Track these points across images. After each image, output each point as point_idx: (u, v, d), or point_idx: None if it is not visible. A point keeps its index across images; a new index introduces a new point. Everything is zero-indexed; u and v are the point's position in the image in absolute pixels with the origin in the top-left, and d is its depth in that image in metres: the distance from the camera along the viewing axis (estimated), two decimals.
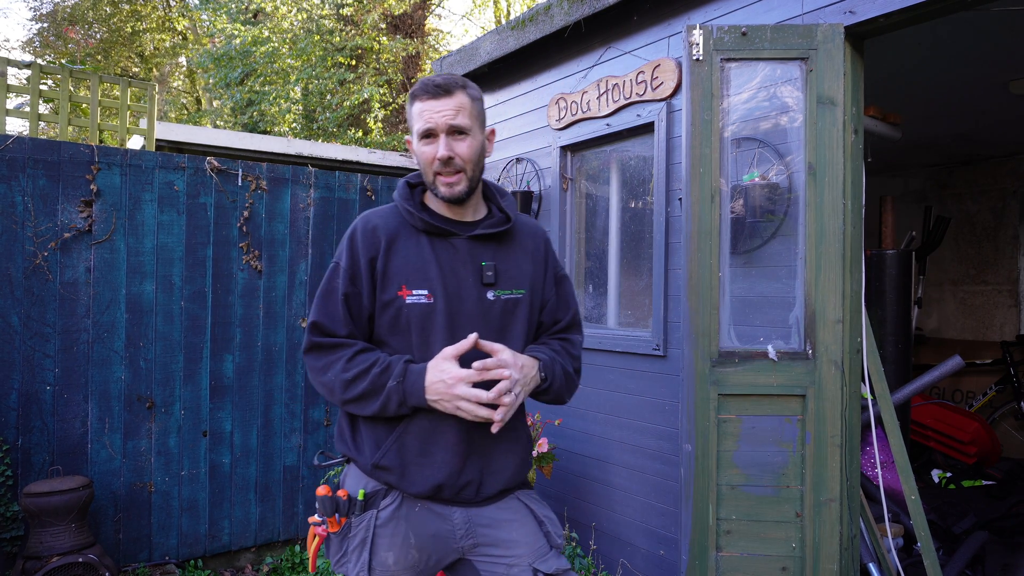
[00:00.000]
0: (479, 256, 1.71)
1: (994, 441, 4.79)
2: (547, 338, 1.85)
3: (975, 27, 3.24)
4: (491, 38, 4.30)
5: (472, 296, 1.68)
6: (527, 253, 1.80)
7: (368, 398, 1.61)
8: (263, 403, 4.07)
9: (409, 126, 1.73)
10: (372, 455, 1.67)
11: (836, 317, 2.56)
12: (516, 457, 1.77)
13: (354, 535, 1.68)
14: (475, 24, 18.81)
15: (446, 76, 1.69)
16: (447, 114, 1.64)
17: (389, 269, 1.66)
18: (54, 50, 14.95)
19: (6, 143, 3.37)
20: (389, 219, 1.72)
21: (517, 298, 1.74)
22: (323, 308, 1.67)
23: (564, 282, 1.91)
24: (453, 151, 1.64)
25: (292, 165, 4.40)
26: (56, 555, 3.09)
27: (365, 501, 1.68)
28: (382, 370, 1.61)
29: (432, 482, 1.65)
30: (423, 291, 1.65)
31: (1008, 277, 6.04)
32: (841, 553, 2.55)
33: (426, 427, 1.66)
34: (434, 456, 1.66)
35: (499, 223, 1.76)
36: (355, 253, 1.67)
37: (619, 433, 3.57)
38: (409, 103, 1.71)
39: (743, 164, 2.75)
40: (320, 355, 1.66)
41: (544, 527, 1.76)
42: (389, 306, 1.66)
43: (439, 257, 1.68)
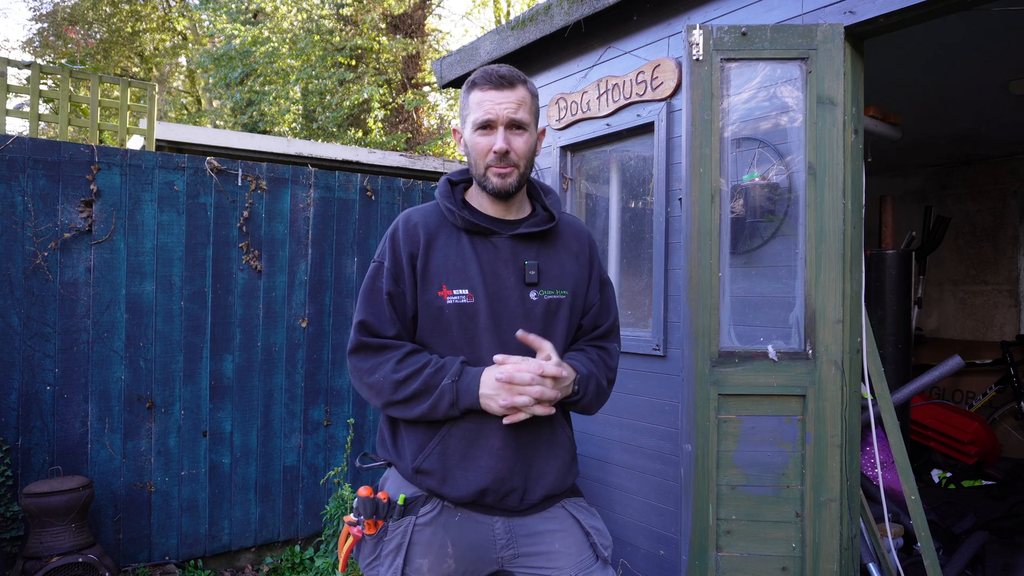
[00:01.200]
0: (521, 255, 1.67)
1: (994, 441, 4.79)
2: (585, 344, 1.80)
3: (975, 27, 3.24)
4: (491, 38, 4.30)
5: (514, 296, 1.65)
6: (571, 253, 1.76)
7: (418, 398, 1.57)
8: (263, 403, 4.07)
9: (462, 114, 1.69)
10: (414, 459, 1.64)
11: (836, 317, 2.56)
12: (559, 462, 1.71)
13: (390, 539, 1.64)
14: (475, 24, 18.82)
15: (509, 68, 1.66)
16: (509, 107, 1.61)
17: (429, 268, 1.63)
18: (54, 50, 14.95)
19: (6, 143, 3.37)
20: (430, 216, 1.69)
21: (560, 299, 1.70)
22: (369, 307, 1.64)
23: (607, 287, 1.87)
24: (510, 145, 1.61)
25: (292, 165, 4.40)
26: (56, 555, 3.09)
27: (405, 506, 1.64)
28: (436, 370, 1.57)
29: (476, 487, 1.61)
30: (463, 291, 1.62)
31: (1008, 277, 6.04)
32: (841, 553, 2.55)
33: (470, 431, 1.62)
34: (478, 461, 1.61)
35: (542, 222, 1.72)
36: (397, 252, 1.64)
37: (619, 433, 3.57)
38: (466, 91, 1.66)
39: (743, 164, 2.75)
40: (368, 356, 1.62)
41: (591, 538, 1.71)
42: (430, 306, 1.63)
43: (480, 256, 1.64)
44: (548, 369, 1.53)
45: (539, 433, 1.67)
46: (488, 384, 1.55)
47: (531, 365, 1.53)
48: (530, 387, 1.52)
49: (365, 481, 4.45)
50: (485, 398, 1.55)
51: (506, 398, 1.51)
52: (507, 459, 1.62)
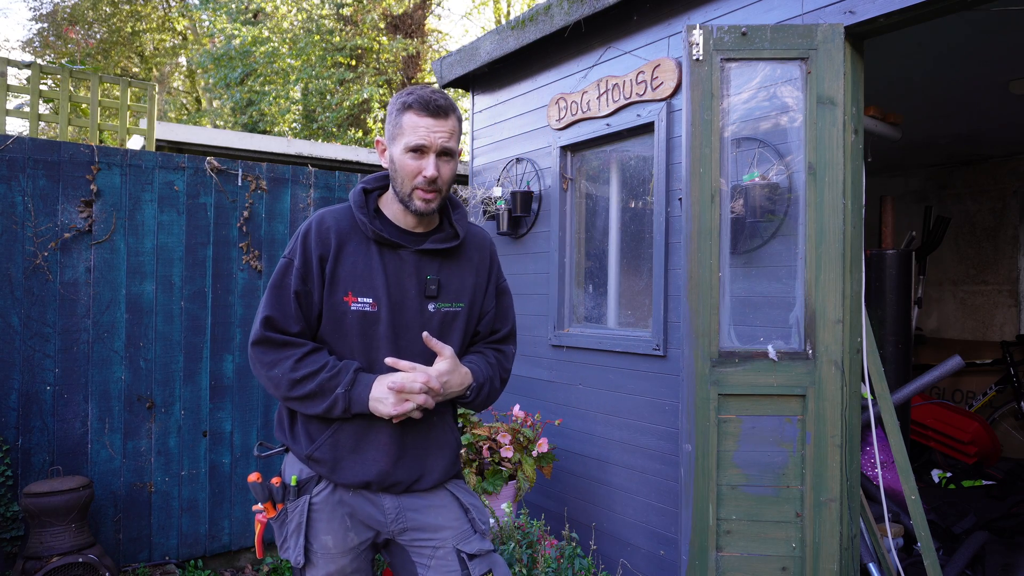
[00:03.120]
0: (424, 269, 1.78)
1: (994, 441, 4.79)
2: (484, 346, 1.94)
3: (975, 27, 3.24)
4: (491, 38, 4.30)
5: (414, 307, 1.77)
6: (472, 265, 1.88)
7: (313, 399, 1.68)
8: (263, 403, 4.07)
9: (391, 132, 1.75)
10: (307, 447, 1.76)
11: (836, 317, 2.56)
12: (445, 460, 1.85)
13: (290, 520, 1.77)
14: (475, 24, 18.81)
15: (444, 96, 1.74)
16: (442, 135, 1.70)
17: (338, 273, 1.72)
18: (54, 50, 14.95)
19: (6, 143, 3.37)
20: (343, 221, 1.77)
21: (456, 311, 1.83)
22: (276, 303, 1.72)
23: (505, 295, 2.00)
24: (439, 172, 1.70)
25: (292, 165, 4.40)
26: (56, 555, 3.09)
27: (299, 487, 1.77)
28: (332, 375, 1.67)
29: (362, 478, 1.74)
30: (368, 299, 1.72)
31: (1008, 277, 6.04)
32: (841, 553, 2.55)
33: (361, 427, 1.74)
34: (366, 454, 1.75)
35: (448, 238, 1.82)
36: (308, 252, 1.72)
37: (619, 433, 3.57)
38: (399, 111, 1.72)
39: (743, 164, 2.75)
40: (269, 350, 1.70)
41: (469, 514, 1.85)
42: (334, 309, 1.73)
43: (386, 267, 1.75)
44: (433, 384, 1.66)
45: (427, 433, 1.81)
46: (380, 391, 1.66)
47: (420, 376, 1.66)
48: (417, 396, 1.65)
49: None
50: (376, 401, 1.66)
51: (396, 406, 1.64)
52: (393, 455, 1.75)
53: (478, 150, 4.75)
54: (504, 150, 4.47)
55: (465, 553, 1.79)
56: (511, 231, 4.27)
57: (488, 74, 4.57)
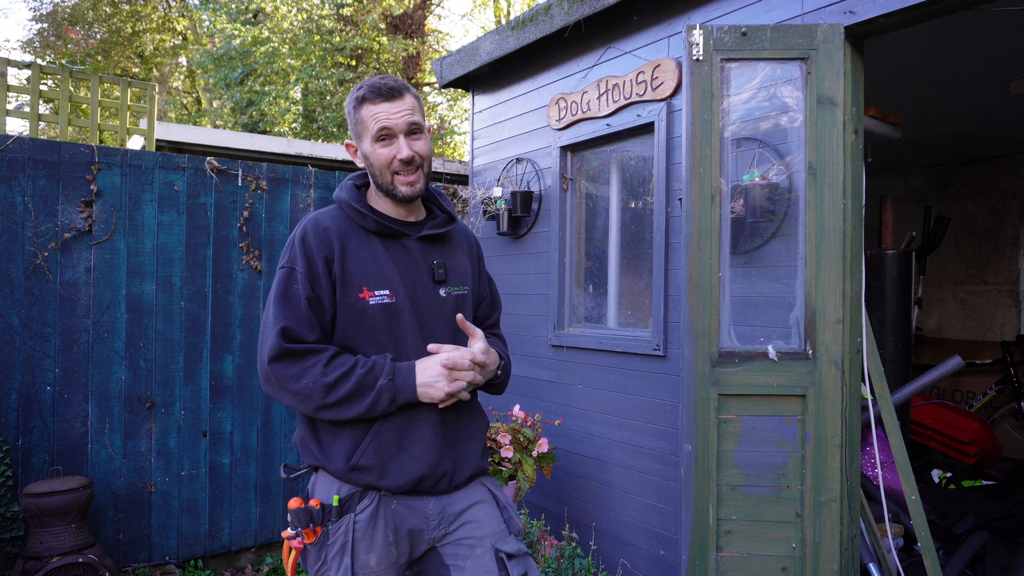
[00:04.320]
0: (429, 255, 1.78)
1: (994, 441, 4.79)
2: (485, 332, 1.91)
3: (975, 27, 3.24)
4: (491, 38, 4.30)
5: (429, 293, 1.75)
6: (464, 252, 1.90)
7: (352, 400, 1.61)
8: (263, 403, 4.07)
9: (356, 130, 1.73)
10: (348, 458, 1.67)
11: (836, 317, 2.56)
12: (479, 443, 1.85)
13: (333, 542, 1.68)
14: (475, 24, 18.82)
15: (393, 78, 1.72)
16: (404, 113, 1.68)
17: (347, 272, 1.68)
18: (54, 50, 14.95)
19: (6, 143, 3.37)
20: (337, 220, 1.73)
21: (464, 294, 1.83)
22: (288, 313, 1.63)
23: (491, 282, 2.03)
24: (413, 149, 1.68)
25: (292, 165, 4.40)
26: (56, 555, 3.09)
27: (341, 506, 1.68)
28: (367, 370, 1.62)
29: (414, 475, 1.69)
30: (385, 291, 1.69)
31: (1008, 277, 6.04)
32: (841, 553, 2.55)
33: (402, 424, 1.69)
34: (412, 451, 1.70)
35: (444, 223, 1.82)
36: (310, 256, 1.66)
37: (619, 433, 3.57)
38: (355, 107, 1.71)
39: (743, 164, 2.75)
40: (291, 362, 1.61)
41: (506, 513, 1.83)
42: (351, 308, 1.67)
43: (394, 257, 1.73)
44: (478, 356, 1.68)
45: (461, 419, 1.79)
46: (428, 373, 1.64)
47: (465, 352, 1.67)
48: (467, 372, 1.66)
49: None
50: (425, 387, 1.64)
51: (449, 385, 1.63)
52: (438, 445, 1.72)
53: (478, 150, 4.75)
54: (504, 150, 4.47)
55: (504, 552, 1.74)
56: (511, 231, 4.27)
57: (488, 74, 4.57)
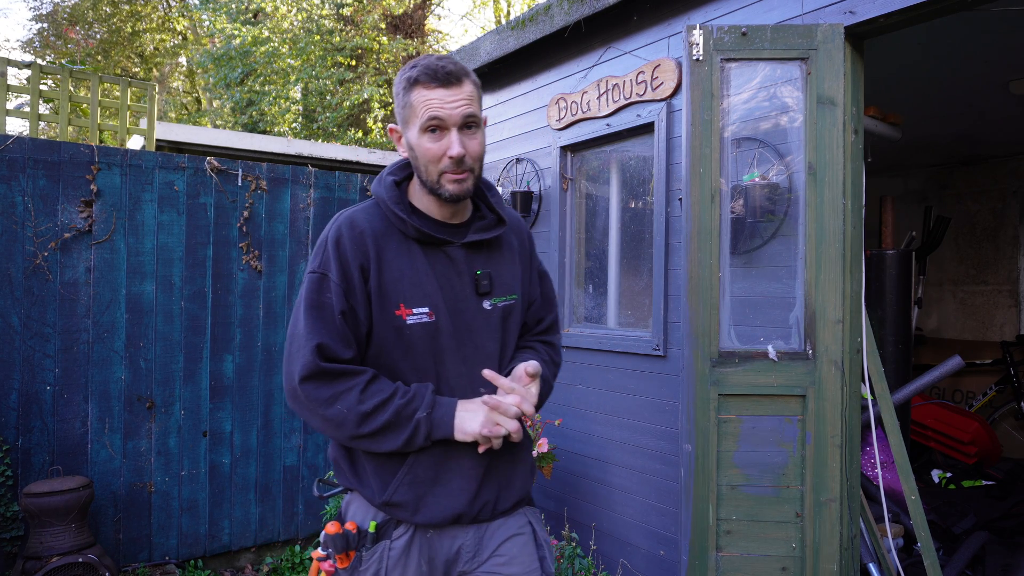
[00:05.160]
0: (473, 264, 1.59)
1: (994, 441, 4.79)
2: (533, 340, 1.76)
3: (975, 27, 3.24)
4: (491, 38, 4.30)
5: (471, 308, 1.57)
6: (514, 253, 1.70)
7: (388, 432, 1.45)
8: (263, 403, 4.07)
9: (402, 114, 1.52)
10: (381, 492, 1.53)
11: (836, 317, 2.56)
12: (525, 465, 1.69)
13: (365, 568, 1.56)
14: (475, 24, 18.82)
15: (453, 61, 1.50)
16: (461, 104, 1.46)
17: (384, 284, 1.50)
18: (54, 50, 14.95)
19: (6, 143, 3.37)
20: (374, 221, 1.54)
21: (511, 304, 1.64)
22: (323, 327, 1.46)
23: (546, 279, 1.82)
24: (466, 148, 1.48)
25: (292, 165, 4.40)
26: (56, 555, 3.09)
27: (377, 532, 1.55)
28: (407, 400, 1.46)
29: (451, 511, 1.54)
30: (424, 308, 1.51)
31: (1008, 277, 6.04)
32: (841, 553, 2.55)
33: (439, 454, 1.52)
34: (449, 484, 1.54)
35: (491, 225, 1.63)
36: (345, 263, 1.48)
37: (619, 433, 3.57)
38: (406, 89, 1.49)
39: (743, 164, 2.75)
40: (326, 383, 1.43)
41: (541, 551, 1.69)
42: (387, 326, 1.50)
43: (435, 269, 1.54)
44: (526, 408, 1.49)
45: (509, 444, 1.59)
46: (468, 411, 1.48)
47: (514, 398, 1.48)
48: (510, 421, 1.47)
49: None
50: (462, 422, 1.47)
51: (487, 427, 1.46)
52: (478, 477, 1.55)
53: None
54: (504, 150, 4.47)
55: None
56: None
57: (488, 74, 4.57)
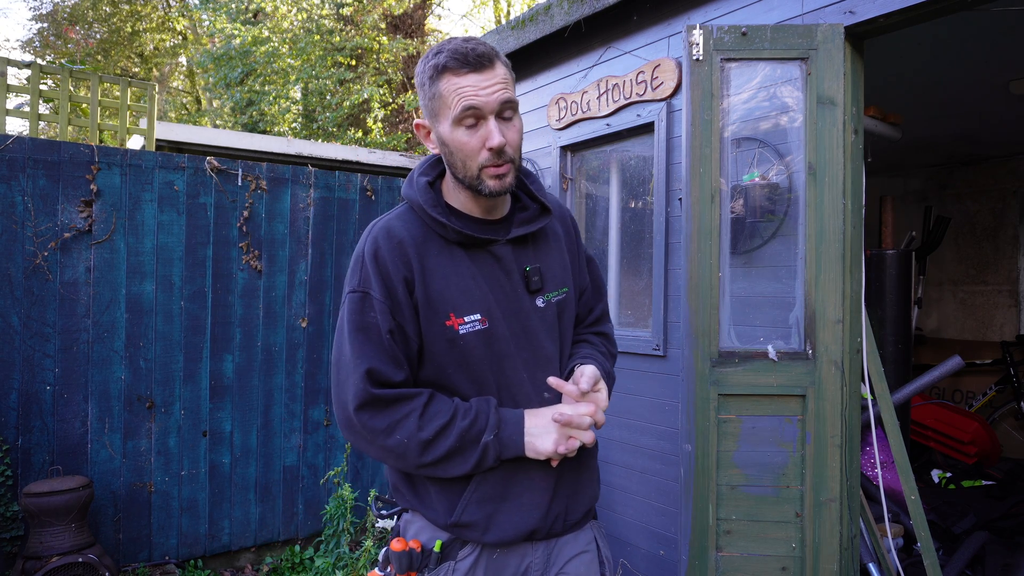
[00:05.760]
0: (522, 261, 1.48)
1: (994, 441, 4.79)
2: (586, 332, 1.65)
3: (975, 27, 3.24)
4: (491, 38, 4.30)
5: (525, 308, 1.46)
6: (560, 242, 1.58)
7: (454, 458, 1.36)
8: (263, 403, 4.07)
9: (431, 105, 1.41)
10: (448, 514, 1.44)
11: (836, 317, 2.56)
12: (592, 471, 1.60)
13: None
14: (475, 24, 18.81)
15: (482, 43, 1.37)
16: (497, 88, 1.34)
17: (430, 295, 1.39)
18: (54, 50, 14.95)
19: (6, 143, 3.37)
20: (412, 228, 1.43)
21: (564, 297, 1.54)
22: (371, 350, 1.35)
23: (593, 264, 1.71)
24: (506, 137, 1.36)
25: (292, 165, 4.40)
26: (56, 555, 3.09)
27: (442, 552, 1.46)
28: (470, 422, 1.36)
29: (524, 528, 1.44)
30: (476, 315, 1.40)
31: (1008, 277, 6.04)
32: (841, 553, 2.55)
33: (507, 469, 1.43)
34: (520, 498, 1.44)
35: (535, 216, 1.51)
36: (387, 277, 1.37)
37: (619, 433, 3.57)
38: (432, 77, 1.38)
39: (743, 164, 2.75)
40: (380, 411, 1.34)
41: (603, 568, 1.60)
42: (439, 339, 1.40)
43: (483, 271, 1.43)
44: (599, 417, 1.41)
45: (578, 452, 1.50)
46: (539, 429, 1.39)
47: (587, 407, 1.39)
48: (584, 433, 1.39)
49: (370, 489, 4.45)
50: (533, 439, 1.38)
51: (560, 443, 1.38)
52: (550, 489, 1.46)
53: None
54: None
55: None
56: None
57: None
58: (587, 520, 1.59)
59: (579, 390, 1.39)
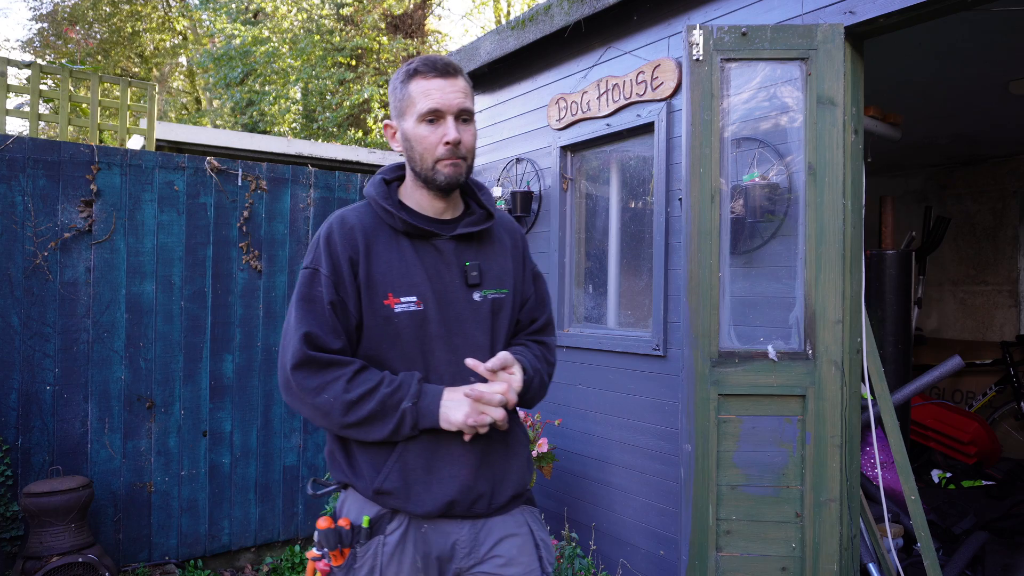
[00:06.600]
0: (463, 256, 1.63)
1: (994, 441, 4.79)
2: (526, 339, 1.78)
3: (975, 27, 3.24)
4: (491, 38, 4.30)
5: (460, 299, 1.61)
6: (506, 249, 1.73)
7: (374, 421, 1.49)
8: (263, 403, 4.07)
9: (399, 106, 1.59)
10: (372, 480, 1.55)
11: (836, 317, 2.56)
12: (520, 458, 1.71)
13: (360, 566, 1.57)
14: (475, 24, 18.81)
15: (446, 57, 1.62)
16: (457, 95, 1.55)
17: (373, 275, 1.56)
18: (54, 50, 14.95)
19: (6, 143, 3.37)
20: (365, 218, 1.60)
21: (502, 297, 1.67)
22: (312, 317, 1.52)
23: (540, 280, 1.85)
24: (461, 136, 1.55)
25: (292, 165, 4.40)
26: (56, 555, 3.09)
27: (371, 528, 1.56)
28: (393, 389, 1.50)
29: (442, 500, 1.55)
30: (412, 298, 1.55)
31: (1008, 277, 6.04)
32: (841, 553, 2.55)
33: (430, 441, 1.55)
34: (441, 472, 1.56)
35: (480, 220, 1.67)
36: (335, 257, 1.55)
37: (619, 433, 3.57)
38: (404, 81, 1.57)
39: (743, 164, 2.75)
40: (313, 372, 1.49)
41: (539, 551, 1.70)
42: (376, 315, 1.55)
43: (423, 260, 1.59)
44: (511, 397, 1.53)
45: (497, 433, 1.61)
46: (452, 399, 1.51)
47: (500, 386, 1.52)
48: (495, 409, 1.50)
49: None
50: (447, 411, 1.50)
51: (471, 416, 1.49)
52: (471, 464, 1.57)
53: (478, 150, 4.73)
54: (504, 150, 4.47)
55: None
56: None
57: (488, 74, 4.56)
58: (516, 504, 1.69)
59: (487, 368, 1.52)
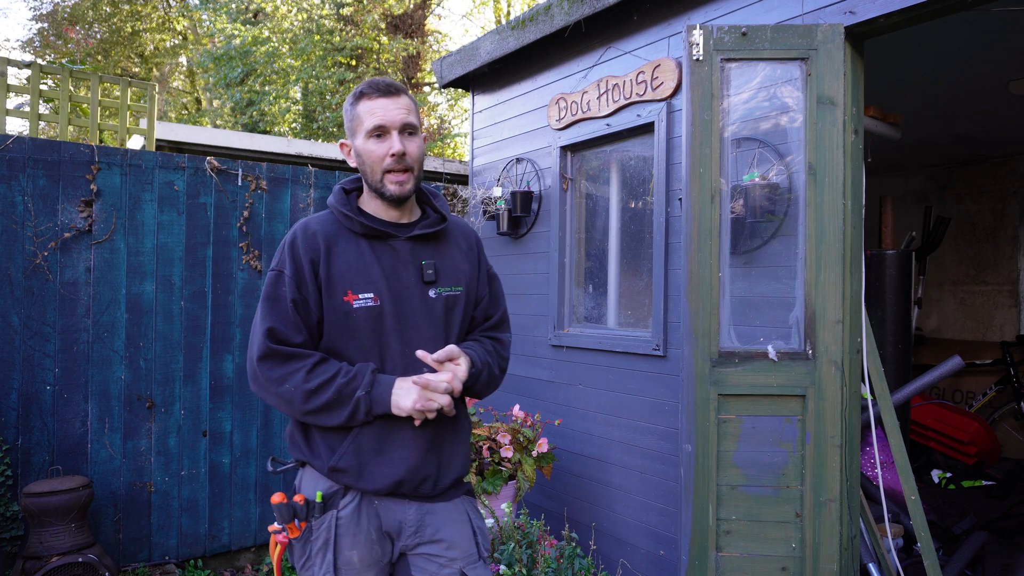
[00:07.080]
0: (419, 255, 1.77)
1: (994, 441, 4.79)
2: (480, 335, 1.91)
3: (975, 27, 3.24)
4: (491, 38, 4.30)
5: (416, 295, 1.74)
6: (462, 252, 1.87)
7: (332, 408, 1.63)
8: (263, 403, 4.07)
9: (351, 126, 1.75)
10: (328, 459, 1.70)
11: (836, 317, 2.56)
12: (463, 446, 1.85)
13: (316, 538, 1.72)
14: (475, 24, 18.80)
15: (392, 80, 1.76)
16: (400, 112, 1.69)
17: (332, 274, 1.69)
18: (54, 50, 14.95)
19: (6, 143, 3.37)
20: (327, 224, 1.75)
21: (456, 295, 1.81)
22: (275, 314, 1.66)
23: (495, 281, 1.98)
24: (406, 148, 1.69)
25: (292, 165, 4.40)
26: (56, 555, 3.09)
27: (324, 502, 1.71)
28: (348, 379, 1.64)
29: (392, 479, 1.70)
30: (368, 294, 1.69)
31: (1008, 277, 6.04)
32: (841, 553, 2.55)
33: (382, 426, 1.69)
34: (391, 453, 1.70)
35: (435, 223, 1.82)
36: (297, 259, 1.69)
37: (619, 433, 3.57)
38: (352, 104, 1.74)
39: (743, 164, 2.75)
40: (276, 364, 1.64)
41: (476, 537, 1.83)
42: (336, 311, 1.69)
43: (380, 259, 1.73)
44: (456, 385, 1.66)
45: (445, 421, 1.76)
46: (403, 388, 1.65)
47: (446, 375, 1.66)
48: (441, 396, 1.64)
49: None
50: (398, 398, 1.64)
51: (420, 402, 1.62)
52: (419, 448, 1.71)
53: (478, 150, 4.75)
54: (504, 150, 4.47)
55: None
56: (511, 231, 4.27)
57: (488, 74, 4.56)
58: (458, 493, 1.85)
59: (434, 359, 1.64)
